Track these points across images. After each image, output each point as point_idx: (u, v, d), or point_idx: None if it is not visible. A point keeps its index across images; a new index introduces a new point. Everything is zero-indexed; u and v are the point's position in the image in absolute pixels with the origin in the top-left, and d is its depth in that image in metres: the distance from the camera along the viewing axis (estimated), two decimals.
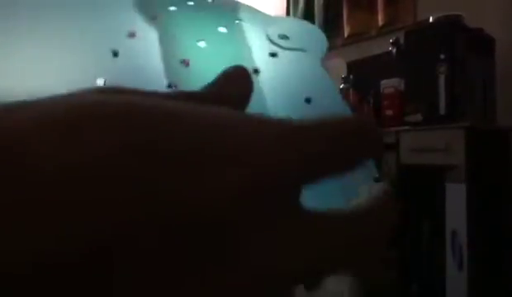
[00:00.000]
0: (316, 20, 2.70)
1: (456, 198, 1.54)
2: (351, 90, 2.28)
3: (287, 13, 2.89)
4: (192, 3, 0.44)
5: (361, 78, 2.28)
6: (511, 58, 1.84)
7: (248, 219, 0.10)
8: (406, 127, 1.77)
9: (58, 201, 0.09)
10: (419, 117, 1.72)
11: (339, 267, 0.13)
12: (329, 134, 0.13)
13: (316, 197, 0.19)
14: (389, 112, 1.98)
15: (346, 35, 2.60)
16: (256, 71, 0.37)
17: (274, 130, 0.12)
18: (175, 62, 0.38)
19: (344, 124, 0.13)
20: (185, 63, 0.40)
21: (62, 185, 0.09)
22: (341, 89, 2.31)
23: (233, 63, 0.17)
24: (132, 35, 0.38)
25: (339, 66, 2.43)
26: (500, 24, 1.84)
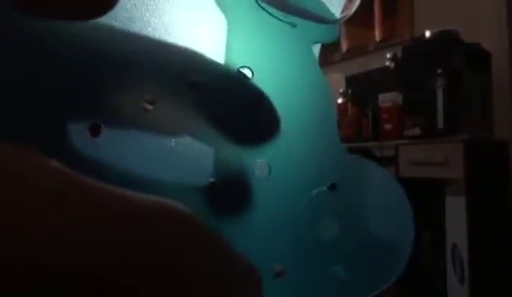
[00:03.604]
0: None
1: (456, 211, 1.54)
2: (349, 104, 2.30)
3: None
4: None
5: (359, 93, 2.29)
6: (507, 72, 1.86)
7: None
8: (405, 141, 1.78)
9: None
10: (417, 131, 1.73)
11: None
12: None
13: None
14: (388, 126, 1.99)
15: (344, 49, 2.63)
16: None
17: None
18: None
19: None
20: None
21: None
22: (339, 103, 2.33)
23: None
24: None
25: (338, 80, 2.45)
26: (495, 38, 1.86)
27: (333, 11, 0.17)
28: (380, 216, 0.17)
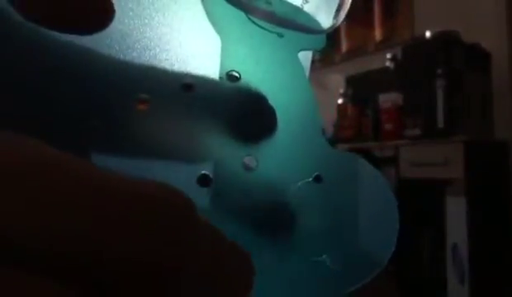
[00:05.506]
0: None
1: (456, 211, 1.54)
2: (349, 104, 2.30)
3: None
4: None
5: (359, 93, 2.29)
6: (507, 72, 1.86)
7: None
8: (405, 141, 1.78)
9: None
10: (417, 131, 1.73)
11: None
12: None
13: None
14: (388, 126, 1.99)
15: (344, 50, 2.63)
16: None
17: None
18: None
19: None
20: None
21: None
22: (339, 104, 2.33)
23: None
24: None
25: (338, 81, 2.45)
26: (495, 38, 1.86)
27: (324, 17, 0.17)
28: (365, 214, 0.17)
